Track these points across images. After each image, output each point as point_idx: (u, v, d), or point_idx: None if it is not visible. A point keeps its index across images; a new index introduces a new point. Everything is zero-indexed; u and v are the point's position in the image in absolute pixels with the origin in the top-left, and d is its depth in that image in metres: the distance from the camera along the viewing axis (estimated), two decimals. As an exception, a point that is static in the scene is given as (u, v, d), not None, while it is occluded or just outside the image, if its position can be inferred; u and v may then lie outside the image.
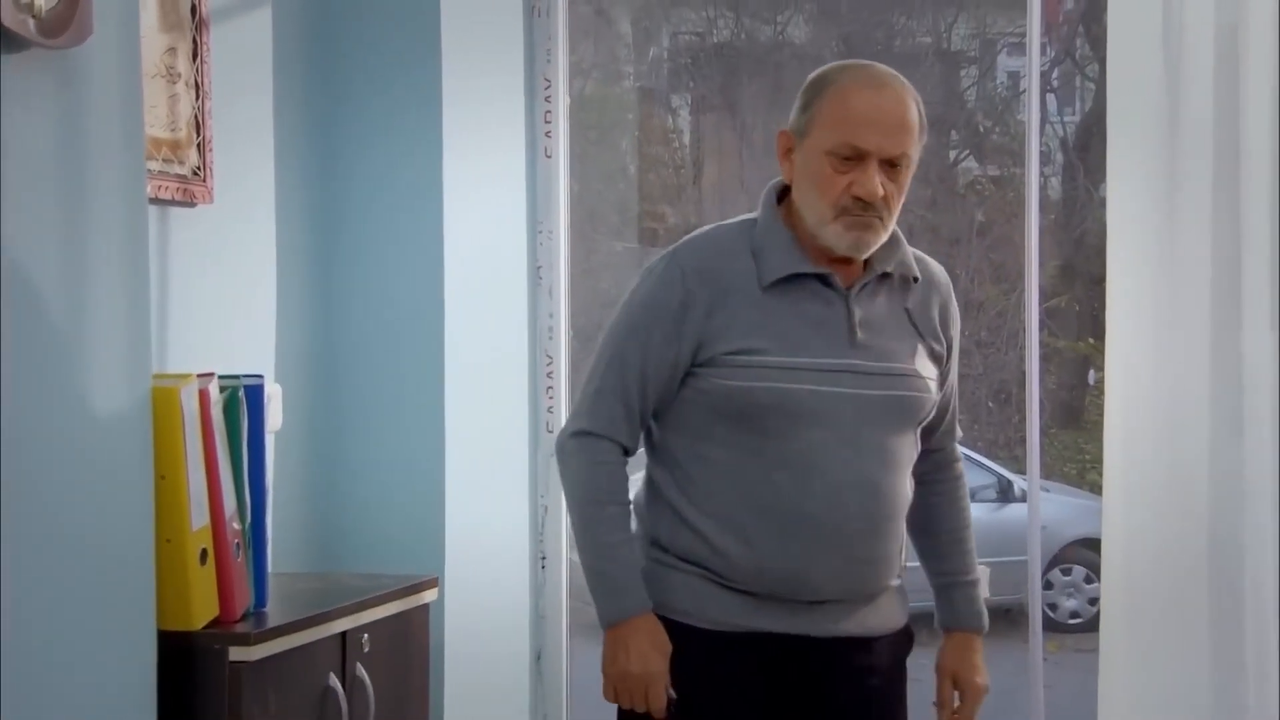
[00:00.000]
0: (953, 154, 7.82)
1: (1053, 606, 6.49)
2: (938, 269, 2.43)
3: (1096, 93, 7.23)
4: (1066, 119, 7.73)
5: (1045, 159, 7.87)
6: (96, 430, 2.02)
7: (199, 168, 2.57)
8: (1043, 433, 3.31)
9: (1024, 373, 3.21)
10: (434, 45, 3.02)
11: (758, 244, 2.30)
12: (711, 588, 2.31)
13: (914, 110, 2.28)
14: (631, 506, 2.36)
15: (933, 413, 2.40)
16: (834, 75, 2.29)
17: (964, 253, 7.41)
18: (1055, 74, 7.68)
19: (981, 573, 2.91)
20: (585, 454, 2.33)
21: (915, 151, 2.28)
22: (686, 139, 7.81)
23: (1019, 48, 7.94)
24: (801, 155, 2.28)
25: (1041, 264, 3.24)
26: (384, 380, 3.08)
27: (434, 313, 3.06)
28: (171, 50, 2.49)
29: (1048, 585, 6.56)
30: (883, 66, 2.32)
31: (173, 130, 2.51)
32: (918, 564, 2.52)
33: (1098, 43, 7.08)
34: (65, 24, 1.91)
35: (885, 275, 2.33)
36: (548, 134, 3.30)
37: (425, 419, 3.07)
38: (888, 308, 2.34)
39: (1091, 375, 7.29)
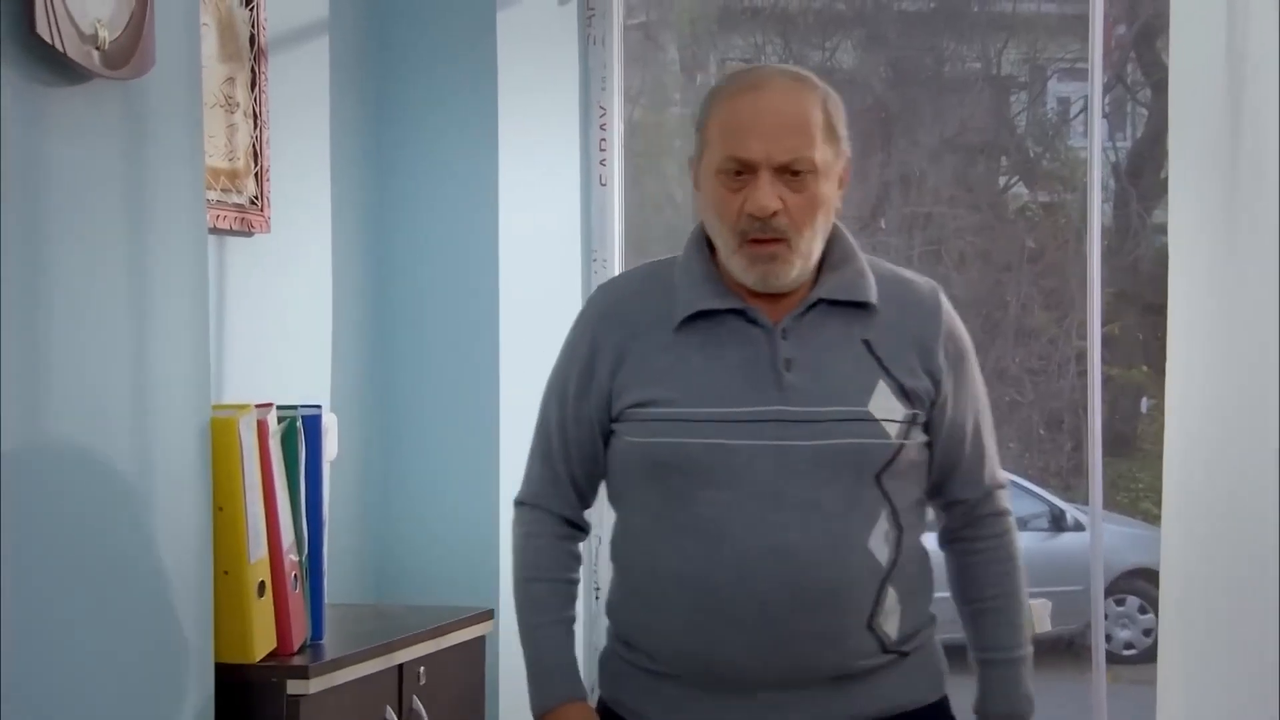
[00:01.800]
0: (1002, 180, 7.77)
1: (1107, 637, 6.41)
2: (921, 289, 2.06)
3: (1149, 118, 7.17)
4: (1119, 144, 7.68)
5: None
6: (156, 461, 2.01)
7: (256, 197, 2.56)
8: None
9: (1076, 400, 3.16)
10: (490, 75, 3.01)
11: (675, 280, 2.03)
12: (641, 675, 2.04)
13: (809, 107, 1.95)
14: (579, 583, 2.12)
15: (918, 459, 2.00)
16: (718, 86, 2.02)
17: (1015, 279, 7.35)
18: (1106, 99, 7.63)
19: (1042, 606, 2.85)
20: (518, 525, 2.11)
21: (824, 154, 1.94)
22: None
23: (1069, 73, 7.91)
24: (701, 182, 2.01)
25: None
26: (438, 409, 3.07)
27: (489, 341, 3.05)
28: (230, 80, 2.49)
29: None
30: (779, 66, 2.03)
31: (231, 160, 2.51)
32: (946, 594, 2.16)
33: (1150, 68, 7.03)
34: (128, 55, 1.91)
35: (836, 302, 2.00)
36: (602, 162, 3.28)
37: (480, 449, 3.05)
38: (837, 340, 1.99)
39: (1144, 403, 7.22)
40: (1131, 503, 6.98)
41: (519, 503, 2.12)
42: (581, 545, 2.14)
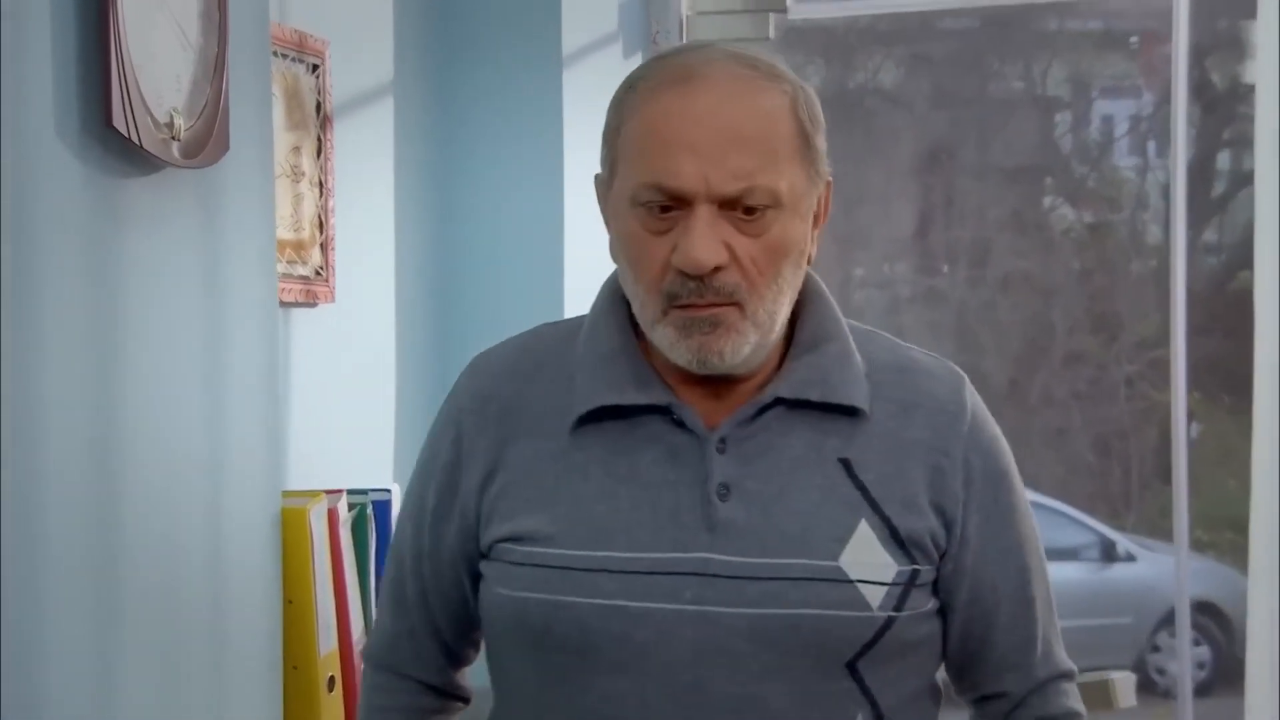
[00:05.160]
0: (1047, 201, 7.69)
1: (1159, 670, 6.32)
2: (937, 380, 1.42)
3: (1198, 137, 7.07)
4: (1167, 164, 7.60)
5: (1143, 204, 7.72)
6: (228, 553, 1.96)
7: (322, 267, 2.49)
8: (1144, 488, 3.16)
9: (1125, 426, 3.06)
10: (555, 137, 2.94)
11: (579, 357, 1.41)
12: None
13: (770, 110, 1.32)
14: None
15: (923, 635, 1.39)
16: (635, 75, 1.38)
17: (1061, 302, 7.27)
18: (1153, 118, 7.54)
19: (1125, 680, 2.75)
20: (362, 692, 1.57)
21: (792, 180, 1.32)
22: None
23: (1113, 91, 7.82)
24: (610, 214, 1.39)
25: (1142, 315, 3.08)
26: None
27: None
28: (296, 149, 2.42)
29: (1154, 648, 6.38)
30: (725, 48, 1.36)
31: (297, 230, 2.43)
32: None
33: (1200, 87, 6.92)
34: (203, 143, 1.84)
35: (804, 403, 1.37)
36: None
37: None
38: (801, 457, 1.36)
39: (1194, 428, 7.13)
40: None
41: (365, 658, 1.57)
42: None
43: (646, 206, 1.32)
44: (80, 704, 1.68)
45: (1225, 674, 6.16)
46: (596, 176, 1.41)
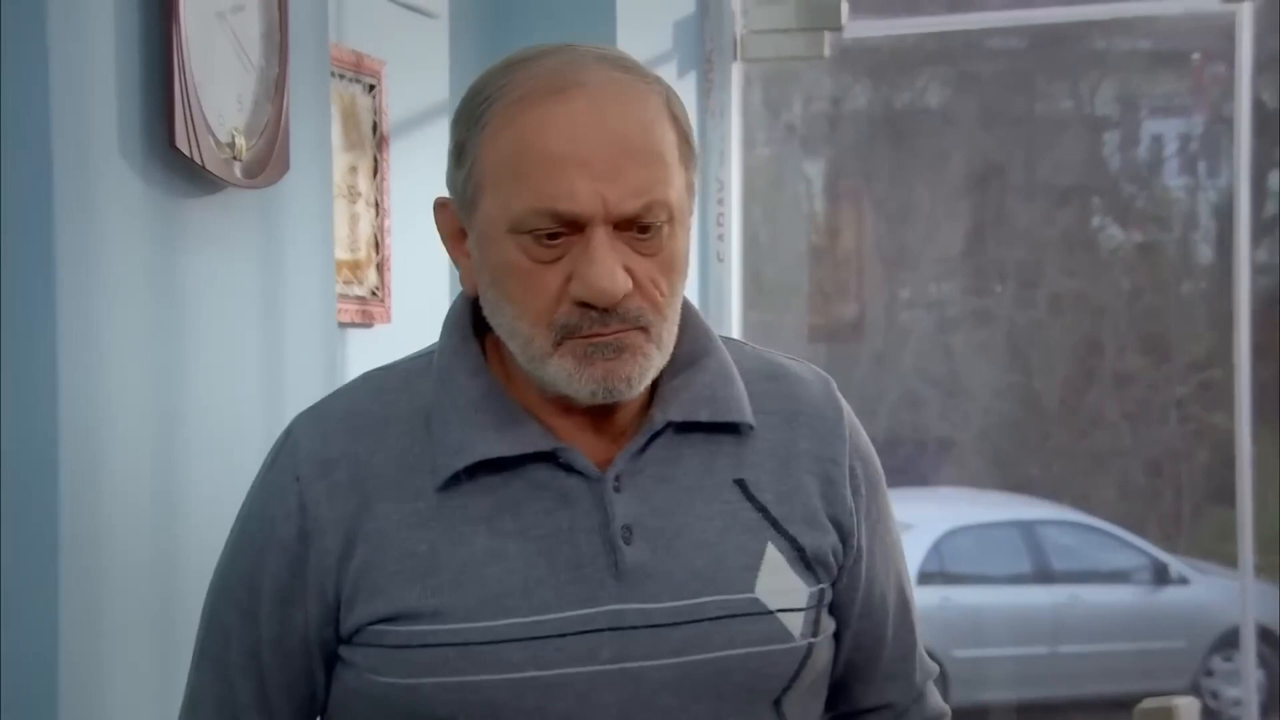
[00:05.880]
0: (1095, 221, 7.65)
1: (1213, 694, 6.24)
2: (810, 387, 1.32)
3: (1252, 157, 7.01)
4: (1218, 184, 7.55)
5: (1192, 224, 7.66)
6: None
7: (378, 288, 2.49)
8: (1196, 510, 3.12)
9: (1176, 448, 3.02)
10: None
11: (433, 403, 1.25)
12: None
13: (654, 116, 1.21)
14: None
15: (827, 661, 1.30)
16: (496, 82, 1.22)
17: (1111, 323, 7.22)
18: (1203, 138, 7.49)
19: (1190, 706, 2.71)
20: None
21: (680, 190, 1.21)
22: (819, 206, 7.71)
23: (1162, 110, 7.77)
24: (476, 243, 1.23)
25: (1194, 335, 3.04)
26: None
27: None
28: (353, 169, 2.42)
29: (1208, 672, 6.31)
30: (587, 46, 1.26)
31: (353, 251, 2.44)
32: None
33: (1252, 108, 6.87)
34: (264, 163, 1.85)
35: (690, 425, 1.25)
36: (720, 236, 3.20)
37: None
38: (698, 485, 1.25)
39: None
40: (1238, 554, 6.83)
41: None
42: None
43: (533, 234, 1.18)
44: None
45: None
46: (440, 201, 1.26)
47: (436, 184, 2.83)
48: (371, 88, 2.45)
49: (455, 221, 1.26)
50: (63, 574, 1.58)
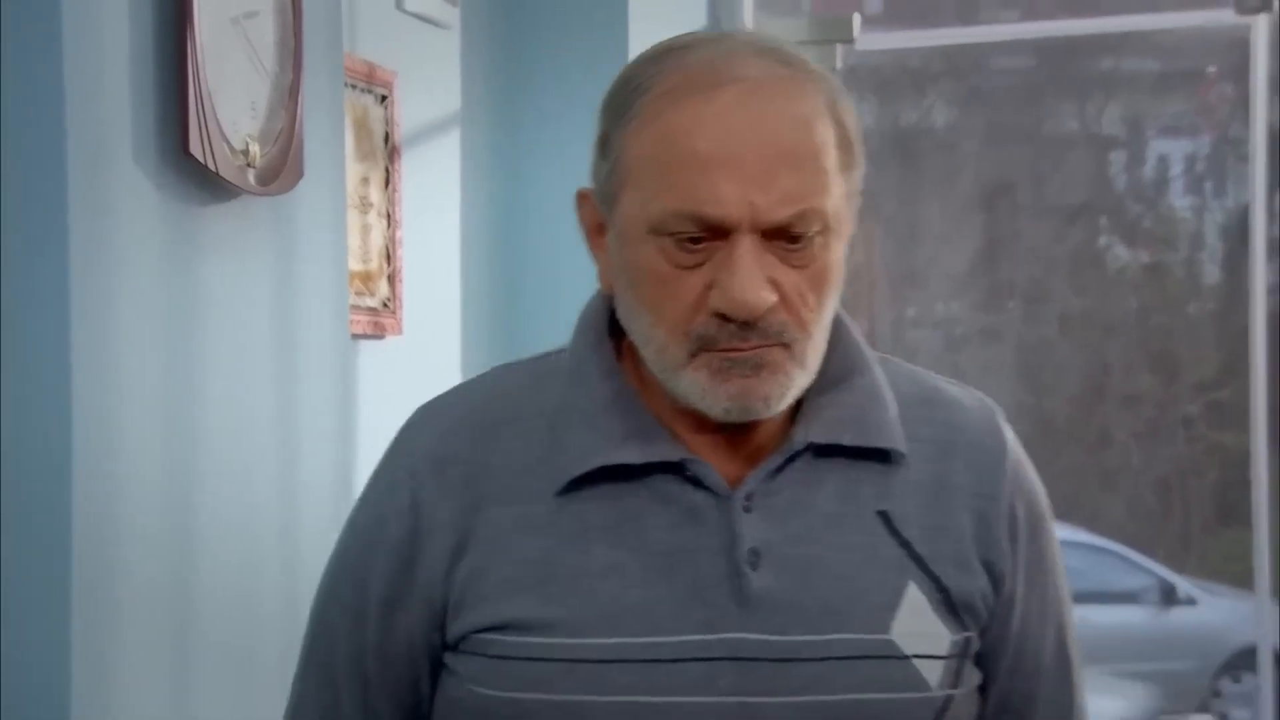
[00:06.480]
0: (1102, 240, 7.64)
1: (1222, 716, 6.21)
2: (972, 416, 1.23)
3: (1267, 175, 7.02)
4: (1224, 204, 7.54)
5: (1199, 245, 7.65)
6: (298, 581, 1.92)
7: (389, 299, 2.48)
8: (1204, 530, 3.09)
9: (1184, 467, 2.99)
10: (623, 167, 2.93)
11: (559, 405, 1.19)
12: None
13: (815, 117, 1.12)
14: None
15: (972, 715, 1.19)
16: (644, 73, 1.16)
17: (1118, 342, 7.21)
18: (1210, 158, 7.48)
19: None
20: None
21: (837, 199, 1.13)
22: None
23: (1170, 130, 7.76)
24: (615, 240, 1.17)
25: (1202, 355, 3.02)
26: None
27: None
28: (365, 180, 2.41)
29: (1216, 694, 6.28)
30: (745, 36, 1.17)
31: (365, 262, 2.42)
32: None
33: (1268, 124, 6.87)
34: (278, 170, 1.84)
35: (834, 449, 1.17)
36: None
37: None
38: (837, 513, 1.17)
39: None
40: (1247, 574, 6.80)
41: None
42: None
43: (674, 237, 1.10)
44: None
45: (1290, 720, 6.05)
46: (582, 193, 1.20)
47: (449, 194, 2.82)
48: (384, 98, 2.44)
49: (596, 215, 1.19)
50: (75, 585, 1.57)
